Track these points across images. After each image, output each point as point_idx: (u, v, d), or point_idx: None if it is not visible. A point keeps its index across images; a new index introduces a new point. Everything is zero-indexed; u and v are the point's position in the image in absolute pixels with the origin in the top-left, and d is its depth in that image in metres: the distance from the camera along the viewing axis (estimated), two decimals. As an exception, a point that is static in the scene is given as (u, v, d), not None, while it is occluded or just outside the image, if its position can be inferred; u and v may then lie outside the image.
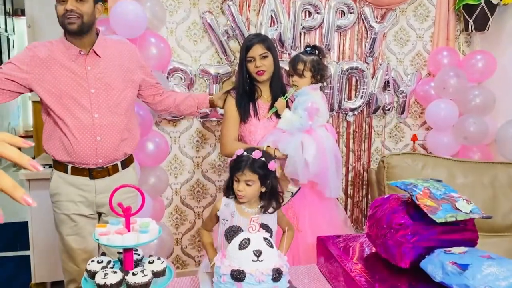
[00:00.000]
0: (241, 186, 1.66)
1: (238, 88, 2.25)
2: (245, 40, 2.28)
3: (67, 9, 1.86)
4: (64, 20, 1.89)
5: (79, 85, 1.94)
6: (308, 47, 2.26)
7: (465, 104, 3.05)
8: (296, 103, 2.20)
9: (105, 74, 1.98)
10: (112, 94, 1.99)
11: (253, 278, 1.21)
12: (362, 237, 1.70)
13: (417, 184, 1.47)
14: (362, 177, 3.25)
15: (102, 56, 1.98)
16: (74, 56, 1.94)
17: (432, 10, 3.21)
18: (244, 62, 2.21)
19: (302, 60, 2.20)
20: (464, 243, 1.39)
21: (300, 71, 2.20)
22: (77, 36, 1.93)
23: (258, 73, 2.20)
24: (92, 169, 1.99)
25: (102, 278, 1.14)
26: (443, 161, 2.74)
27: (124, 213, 1.19)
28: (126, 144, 2.06)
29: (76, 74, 1.93)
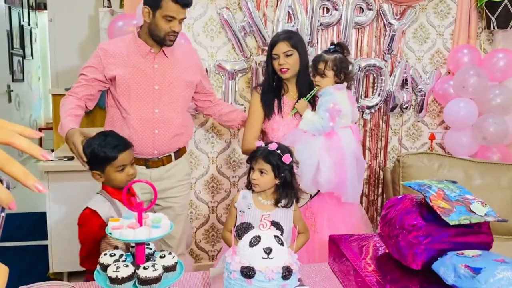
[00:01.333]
0: (255, 175, 1.77)
1: (264, 84, 2.25)
2: (272, 37, 2.26)
3: (174, 30, 2.01)
4: (166, 36, 2.01)
5: (145, 80, 2.06)
6: (332, 44, 2.22)
7: (485, 103, 2.99)
8: (319, 103, 2.17)
9: (170, 73, 2.10)
10: (173, 92, 2.11)
11: (263, 275, 1.22)
12: (374, 237, 1.69)
13: (431, 185, 1.45)
14: (378, 176, 3.22)
15: (169, 56, 2.11)
16: (144, 53, 2.06)
17: (453, 7, 3.15)
18: (270, 58, 2.20)
19: (323, 59, 2.16)
20: (478, 246, 1.37)
21: (321, 70, 2.15)
22: (159, 44, 2.07)
23: (282, 71, 2.18)
24: (148, 159, 2.12)
25: (114, 272, 1.16)
26: (460, 161, 2.70)
27: (136, 208, 1.21)
28: (180, 139, 2.19)
29: (143, 70, 2.05)
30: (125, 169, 1.72)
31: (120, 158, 1.70)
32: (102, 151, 1.70)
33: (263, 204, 1.82)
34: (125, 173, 1.72)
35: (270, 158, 1.76)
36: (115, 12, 3.28)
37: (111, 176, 1.72)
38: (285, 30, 2.32)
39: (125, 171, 1.72)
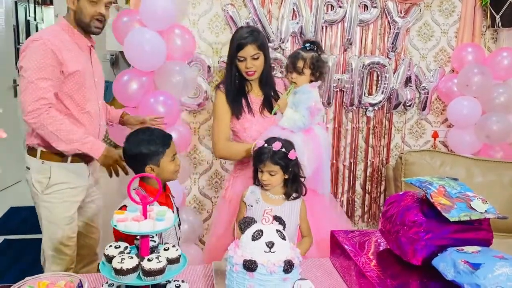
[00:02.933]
0: (265, 176, 1.83)
1: (227, 84, 2.18)
2: (236, 35, 2.13)
3: (101, 13, 1.96)
4: (91, 21, 1.97)
5: (88, 74, 2.05)
6: (308, 42, 2.19)
7: (488, 101, 2.99)
8: (296, 100, 2.15)
9: (99, 65, 2.19)
10: (102, 82, 2.20)
11: (265, 268, 1.24)
12: (376, 232, 1.71)
13: (432, 182, 1.47)
14: (381, 173, 3.23)
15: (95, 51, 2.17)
16: (84, 47, 2.06)
17: (458, 5, 3.15)
18: (234, 59, 2.12)
19: (302, 57, 2.14)
20: (478, 242, 1.39)
21: (300, 68, 2.14)
22: (88, 34, 2.06)
23: (248, 74, 2.13)
24: (87, 154, 2.02)
25: (119, 263, 1.19)
26: (462, 159, 2.71)
27: (142, 201, 1.23)
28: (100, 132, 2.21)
29: (85, 64, 2.04)
30: (175, 158, 1.76)
31: (172, 146, 1.74)
32: (155, 142, 1.71)
33: (271, 199, 1.87)
34: (175, 162, 1.75)
35: (277, 159, 1.81)
36: (120, 8, 3.30)
37: (165, 167, 1.72)
38: (249, 29, 2.16)
39: (175, 161, 1.76)
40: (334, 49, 3.00)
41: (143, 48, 2.42)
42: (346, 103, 3.05)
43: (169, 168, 1.73)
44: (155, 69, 2.54)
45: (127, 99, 2.55)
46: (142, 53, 2.44)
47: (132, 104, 2.55)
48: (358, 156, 3.19)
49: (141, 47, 2.42)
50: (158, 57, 2.49)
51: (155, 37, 2.45)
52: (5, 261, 3.26)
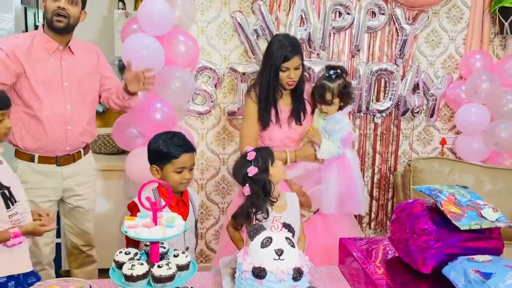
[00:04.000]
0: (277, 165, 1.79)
1: (261, 93, 2.19)
2: (279, 46, 2.14)
3: (59, 6, 2.00)
4: (53, 16, 2.02)
5: (54, 77, 2.07)
6: (332, 69, 2.18)
7: (497, 108, 2.98)
8: (329, 130, 2.17)
9: (77, 69, 2.14)
10: (83, 88, 2.15)
11: (274, 276, 1.24)
12: (385, 240, 1.70)
13: (442, 190, 1.46)
14: (388, 180, 3.22)
15: (75, 53, 2.15)
16: (52, 50, 2.08)
17: (466, 12, 3.14)
18: (276, 69, 2.13)
19: (329, 89, 2.13)
20: (488, 251, 1.38)
21: (329, 101, 2.14)
22: (58, 34, 2.08)
23: (289, 84, 2.16)
24: (59, 157, 2.14)
25: (129, 269, 1.19)
26: (471, 166, 2.69)
27: (152, 208, 1.24)
28: (88, 134, 2.23)
29: (51, 67, 2.07)
30: (183, 172, 1.73)
31: (182, 159, 1.72)
32: (166, 147, 1.72)
33: (278, 206, 1.79)
34: (181, 175, 1.73)
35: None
36: (129, 14, 3.32)
37: (168, 174, 1.73)
38: (292, 39, 2.20)
39: (182, 174, 1.73)
40: (341, 55, 3.00)
41: (140, 53, 2.43)
42: (353, 109, 3.05)
43: (171, 177, 1.73)
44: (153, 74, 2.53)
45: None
46: (139, 58, 2.45)
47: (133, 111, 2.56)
48: (365, 163, 3.18)
49: (138, 52, 2.43)
50: (155, 62, 2.49)
51: (153, 42, 2.46)
52: None
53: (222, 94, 2.92)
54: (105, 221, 2.80)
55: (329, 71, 2.18)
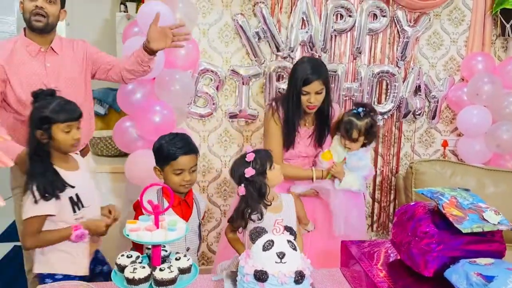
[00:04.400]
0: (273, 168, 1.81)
1: (286, 116, 2.15)
2: (301, 68, 2.09)
3: (37, 5, 1.97)
4: (31, 16, 1.99)
5: (39, 80, 2.02)
6: (360, 106, 2.15)
7: (499, 111, 2.97)
8: (350, 166, 2.16)
9: (63, 69, 2.09)
10: (72, 87, 2.09)
11: (276, 279, 1.24)
12: (386, 243, 1.70)
13: (444, 193, 1.46)
14: (390, 182, 3.22)
15: (59, 53, 2.09)
16: (34, 52, 2.04)
17: (467, 14, 3.14)
18: (297, 92, 2.09)
19: (356, 127, 2.11)
20: (490, 254, 1.38)
21: (355, 139, 2.13)
22: (38, 35, 2.04)
23: (310, 108, 2.13)
24: None
25: (131, 273, 1.20)
26: (473, 169, 2.69)
27: (154, 211, 1.24)
28: (84, 134, 2.15)
29: (36, 70, 2.03)
30: (182, 173, 1.73)
31: (180, 161, 1.71)
32: (167, 148, 1.73)
33: (274, 207, 1.82)
34: (181, 177, 1.72)
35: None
36: (131, 17, 3.33)
37: (168, 176, 1.74)
38: (315, 63, 2.13)
39: (182, 176, 1.73)
40: (343, 58, 3.01)
41: None
42: (355, 111, 3.05)
43: (171, 178, 1.74)
44: (154, 77, 2.55)
45: (128, 107, 2.57)
46: None
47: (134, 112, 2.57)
48: (367, 165, 3.18)
49: None
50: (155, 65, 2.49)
51: None
52: (15, 268, 3.28)
53: (224, 97, 2.93)
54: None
55: (357, 108, 2.15)
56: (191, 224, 1.77)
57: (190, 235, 1.77)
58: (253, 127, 3.00)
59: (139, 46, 2.14)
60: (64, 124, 1.67)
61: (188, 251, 1.78)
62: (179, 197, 1.76)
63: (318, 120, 2.22)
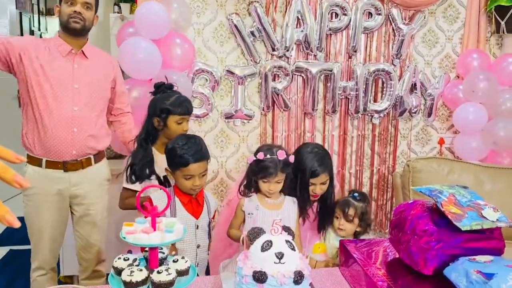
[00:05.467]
0: (272, 186, 1.85)
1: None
2: (308, 160, 2.05)
3: (75, 11, 2.06)
4: (69, 19, 2.07)
5: (65, 79, 2.08)
6: (356, 192, 2.18)
7: (495, 107, 2.98)
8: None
9: (89, 73, 2.15)
10: (93, 92, 2.15)
11: (275, 280, 1.22)
12: (385, 242, 1.69)
13: (442, 191, 1.45)
14: (387, 180, 3.22)
15: (89, 57, 2.15)
16: (65, 52, 2.10)
17: (462, 11, 3.15)
18: (306, 183, 2.07)
19: (353, 205, 2.11)
20: (490, 251, 1.37)
21: (351, 216, 2.11)
22: (73, 37, 2.11)
23: (314, 196, 2.12)
24: (66, 162, 2.12)
25: (128, 276, 1.18)
26: (470, 166, 2.69)
27: (150, 213, 1.23)
28: (98, 140, 2.20)
29: (63, 69, 2.09)
30: (192, 178, 1.76)
31: (191, 168, 1.74)
32: (178, 154, 1.75)
33: (271, 204, 1.89)
34: (191, 182, 1.76)
35: (285, 168, 1.85)
36: (125, 18, 3.31)
37: (178, 180, 1.78)
38: (320, 155, 2.10)
39: (191, 181, 1.76)
40: (338, 56, 3.00)
41: (137, 57, 2.43)
42: (351, 110, 3.05)
43: (181, 183, 1.78)
44: (150, 77, 2.54)
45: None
46: (136, 62, 2.45)
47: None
48: (364, 164, 3.18)
49: (135, 56, 2.43)
50: (152, 65, 2.49)
51: (149, 45, 2.46)
52: (12, 271, 3.25)
53: (219, 97, 2.92)
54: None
55: (353, 193, 2.18)
56: (201, 222, 1.83)
57: (200, 233, 1.82)
58: (250, 127, 2.99)
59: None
60: (179, 116, 2.06)
61: (198, 248, 1.81)
62: (190, 195, 1.81)
63: (321, 208, 2.20)
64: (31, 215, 2.17)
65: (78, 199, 2.19)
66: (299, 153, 2.11)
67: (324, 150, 2.16)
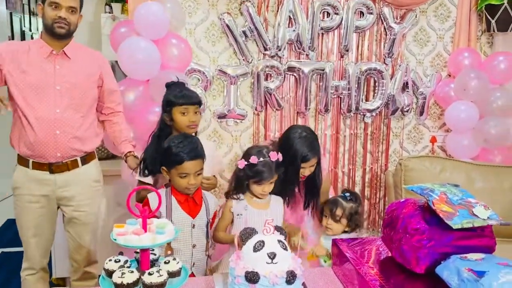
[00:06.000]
0: (266, 188, 1.86)
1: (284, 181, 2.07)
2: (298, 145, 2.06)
3: (60, 16, 2.02)
4: (53, 24, 2.03)
5: (46, 81, 2.06)
6: (347, 192, 2.18)
7: (486, 106, 3.00)
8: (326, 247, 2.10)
9: (72, 74, 2.11)
10: (75, 92, 2.11)
11: (267, 280, 1.22)
12: (377, 240, 1.69)
13: (433, 189, 1.46)
14: (380, 179, 3.23)
15: (71, 57, 2.12)
16: (46, 54, 2.07)
17: (453, 10, 3.16)
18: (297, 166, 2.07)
19: (341, 205, 2.12)
20: (481, 249, 1.38)
21: (338, 216, 2.11)
22: (56, 39, 2.08)
23: (302, 178, 2.13)
24: (52, 163, 2.10)
25: (119, 277, 1.17)
26: (462, 164, 2.70)
27: (141, 214, 1.22)
28: (84, 141, 2.17)
29: (44, 71, 2.06)
30: (187, 177, 1.75)
31: (185, 166, 1.73)
32: (173, 152, 1.75)
33: (259, 204, 1.91)
34: (186, 180, 1.75)
35: (278, 168, 1.86)
36: (116, 18, 3.29)
37: (173, 178, 1.78)
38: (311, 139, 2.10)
39: (186, 179, 1.75)
40: (331, 56, 3.01)
41: (136, 57, 2.41)
42: (343, 109, 3.05)
43: (177, 181, 1.77)
44: (149, 78, 2.53)
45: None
46: (135, 62, 2.44)
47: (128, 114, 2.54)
48: (356, 162, 3.18)
49: (134, 56, 2.42)
50: (151, 66, 2.48)
51: (149, 46, 2.45)
52: (3, 274, 3.23)
53: (212, 97, 2.91)
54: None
55: (345, 193, 2.17)
56: (198, 221, 1.82)
57: (197, 232, 1.81)
58: (242, 127, 2.98)
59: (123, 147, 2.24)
60: (182, 107, 2.04)
61: (194, 248, 1.81)
62: (186, 195, 1.80)
63: (307, 189, 2.20)
64: (19, 215, 2.17)
65: (64, 200, 2.17)
66: (288, 138, 2.11)
67: (312, 133, 2.15)
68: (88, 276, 2.32)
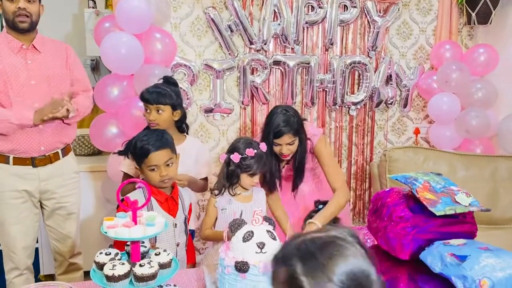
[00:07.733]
0: (256, 179, 1.92)
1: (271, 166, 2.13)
2: (273, 120, 2.09)
3: (19, 7, 1.98)
4: (14, 18, 2.00)
5: (20, 76, 2.04)
6: (321, 204, 2.17)
7: (467, 97, 3.06)
8: None
9: (44, 67, 2.10)
10: (51, 85, 2.10)
11: (257, 269, 1.25)
12: (363, 229, 1.73)
13: (417, 178, 1.50)
14: (365, 171, 3.27)
15: (42, 51, 2.11)
16: (16, 49, 2.05)
17: (435, 3, 3.21)
18: (271, 144, 2.10)
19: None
20: (463, 235, 1.42)
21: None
22: (21, 34, 2.05)
23: (283, 156, 2.14)
24: (35, 158, 2.10)
25: (111, 270, 1.19)
26: (445, 154, 2.76)
27: (131, 207, 1.23)
28: (65, 133, 2.18)
29: (16, 67, 2.04)
30: (158, 169, 1.73)
31: (152, 157, 1.71)
32: (138, 146, 1.74)
33: (242, 196, 1.94)
34: (157, 173, 1.73)
35: (264, 160, 1.92)
36: (100, 13, 3.27)
37: (146, 174, 1.76)
38: (286, 117, 2.10)
39: (157, 171, 1.73)
40: (315, 49, 3.03)
41: (119, 51, 2.41)
42: (329, 102, 3.08)
43: (149, 175, 1.75)
44: (132, 72, 2.52)
45: (106, 104, 2.54)
46: (118, 57, 2.43)
47: (112, 109, 2.53)
48: (342, 155, 3.22)
49: (117, 50, 2.41)
50: (134, 60, 2.47)
51: (131, 40, 2.44)
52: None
53: (198, 91, 2.91)
54: (83, 223, 2.76)
55: (318, 206, 2.17)
56: (179, 220, 1.80)
57: (179, 231, 1.81)
58: (229, 121, 2.99)
59: None
60: (144, 104, 2.03)
61: (178, 246, 1.80)
62: (165, 194, 1.78)
63: (294, 168, 2.23)
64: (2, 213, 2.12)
65: (47, 193, 2.17)
66: (269, 115, 2.17)
67: (293, 111, 2.15)
68: (73, 268, 2.33)
